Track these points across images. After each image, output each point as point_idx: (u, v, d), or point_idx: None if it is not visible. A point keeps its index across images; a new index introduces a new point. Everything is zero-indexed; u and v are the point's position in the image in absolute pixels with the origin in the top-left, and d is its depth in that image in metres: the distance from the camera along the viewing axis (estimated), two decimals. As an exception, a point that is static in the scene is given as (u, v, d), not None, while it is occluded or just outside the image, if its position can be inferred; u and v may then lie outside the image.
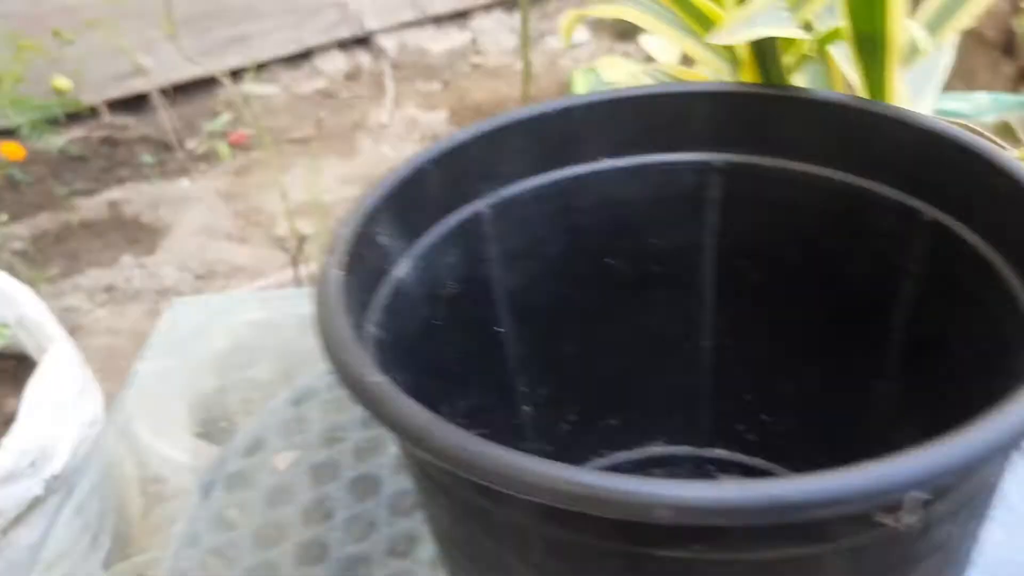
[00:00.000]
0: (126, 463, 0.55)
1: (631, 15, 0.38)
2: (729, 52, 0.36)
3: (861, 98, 0.32)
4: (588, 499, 0.18)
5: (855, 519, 0.19)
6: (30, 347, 0.79)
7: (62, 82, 1.85)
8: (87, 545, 0.65)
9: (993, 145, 0.27)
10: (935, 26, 0.34)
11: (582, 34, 2.42)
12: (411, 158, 0.31)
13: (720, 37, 0.29)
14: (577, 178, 0.35)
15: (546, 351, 0.37)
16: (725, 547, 0.20)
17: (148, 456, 0.55)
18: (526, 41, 1.82)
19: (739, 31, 0.28)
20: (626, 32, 2.35)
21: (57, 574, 0.56)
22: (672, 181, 0.35)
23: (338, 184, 1.82)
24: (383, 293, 0.29)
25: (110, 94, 2.07)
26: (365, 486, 0.46)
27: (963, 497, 0.21)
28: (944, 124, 0.29)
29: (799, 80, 0.34)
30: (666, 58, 0.73)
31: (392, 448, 0.48)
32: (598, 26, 2.47)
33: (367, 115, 2.17)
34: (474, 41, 2.44)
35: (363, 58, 2.40)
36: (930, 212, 0.30)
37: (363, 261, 0.28)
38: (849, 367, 0.35)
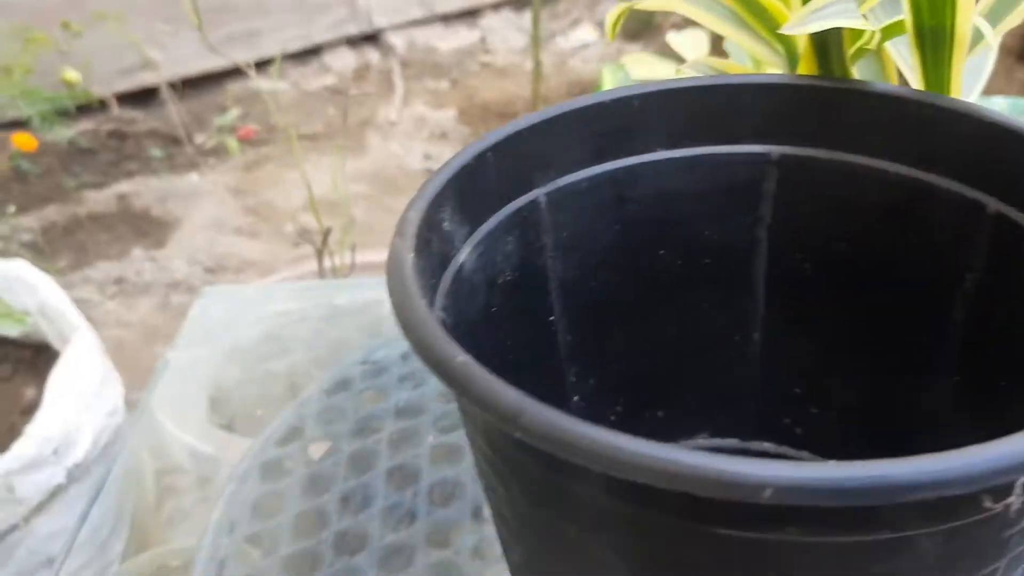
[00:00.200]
0: (148, 453, 0.55)
1: (682, 8, 0.38)
2: (785, 47, 0.36)
3: (924, 91, 0.32)
4: (692, 479, 0.18)
5: (960, 501, 0.19)
6: (50, 335, 0.79)
7: (71, 74, 1.85)
8: (107, 535, 0.65)
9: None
10: (994, 20, 0.34)
11: (591, 35, 2.43)
12: (471, 144, 0.31)
13: (793, 28, 0.29)
14: (631, 169, 0.35)
15: (595, 342, 0.37)
16: (821, 530, 0.20)
17: (171, 446, 0.55)
18: (537, 41, 1.83)
19: (811, 21, 0.28)
20: (636, 33, 2.36)
21: (76, 564, 0.56)
22: (727, 173, 0.35)
23: (347, 181, 1.82)
24: (447, 278, 0.29)
25: (118, 87, 2.07)
26: (403, 476, 0.46)
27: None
28: (1010, 118, 0.29)
29: (854, 74, 0.34)
30: (693, 55, 0.73)
31: (429, 438, 0.48)
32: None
33: (376, 112, 2.17)
34: (483, 40, 2.44)
35: (372, 55, 2.40)
36: (995, 205, 0.30)
37: (430, 246, 0.28)
38: (904, 361, 0.35)
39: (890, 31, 0.32)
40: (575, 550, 0.24)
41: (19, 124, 1.77)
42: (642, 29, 2.38)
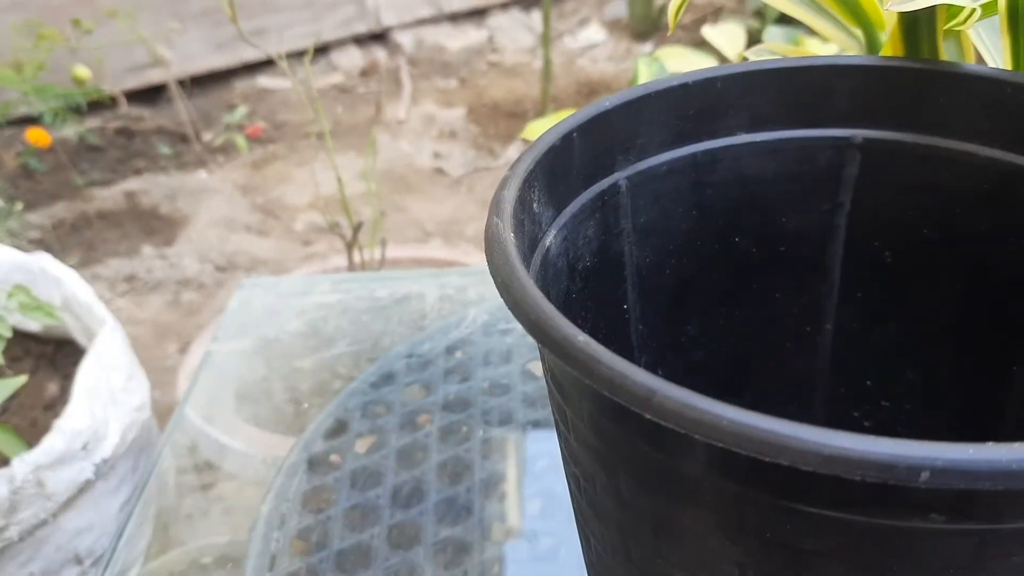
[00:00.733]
0: (175, 449, 0.54)
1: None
2: (865, 31, 0.35)
3: (1021, 72, 0.31)
4: (840, 461, 0.18)
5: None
6: (75, 330, 0.78)
7: (81, 71, 1.84)
8: (131, 530, 0.64)
9: None
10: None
11: (599, 34, 2.42)
12: (559, 124, 0.30)
13: (901, 4, 0.28)
14: (711, 152, 0.34)
15: (666, 331, 0.37)
16: (966, 517, 0.19)
17: (200, 441, 0.54)
18: (548, 40, 1.82)
19: (917, -2, 0.27)
20: (644, 33, 2.35)
21: (103, 560, 0.55)
22: (808, 158, 0.34)
23: (356, 179, 1.82)
24: (536, 261, 0.29)
25: (127, 84, 2.06)
26: (454, 470, 0.45)
27: None
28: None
29: (945, 55, 0.33)
30: (732, 50, 0.73)
31: (480, 432, 0.47)
32: (615, 27, 2.47)
33: (384, 111, 2.16)
34: (491, 39, 2.44)
35: (379, 54, 2.39)
36: (1096, 189, 0.29)
37: (523, 227, 0.27)
38: (987, 353, 0.34)
39: (988, 9, 0.31)
40: (688, 537, 0.23)
41: (29, 121, 1.76)
42: (649, 30, 2.37)
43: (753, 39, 0.72)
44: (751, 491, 0.21)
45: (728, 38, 0.72)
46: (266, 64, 2.27)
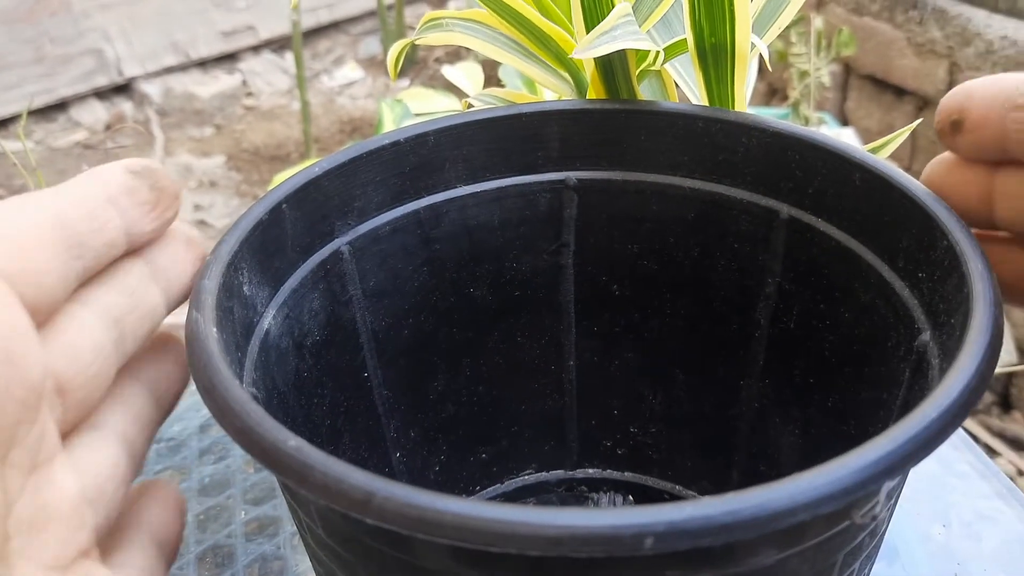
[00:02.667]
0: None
1: (465, 41, 0.37)
2: (571, 73, 0.36)
3: (710, 107, 0.33)
4: (569, 540, 0.17)
5: (831, 516, 0.19)
6: None
7: None
8: None
9: (845, 141, 0.29)
10: (759, 32, 0.35)
11: (357, 72, 2.41)
12: (266, 196, 0.29)
13: (582, 52, 0.28)
14: (434, 207, 0.34)
15: (413, 392, 0.36)
16: (698, 568, 0.19)
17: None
18: (302, 81, 1.79)
19: (599, 45, 0.28)
20: (402, 68, 2.36)
21: None
22: (529, 203, 0.34)
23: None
24: (254, 348, 0.27)
25: None
26: (216, 559, 0.42)
27: (902, 482, 0.22)
28: (792, 125, 0.30)
29: (641, 95, 0.35)
30: (473, 89, 0.73)
31: (241, 514, 0.44)
32: (371, 64, 2.46)
33: (136, 166, 2.04)
34: (244, 83, 2.37)
35: (125, 106, 2.27)
36: (787, 211, 0.31)
37: (231, 315, 0.26)
38: (715, 371, 0.35)
39: (673, 50, 0.33)
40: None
41: None
42: (407, 64, 2.39)
43: (490, 75, 0.73)
44: None
45: (468, 76, 0.72)
46: (-3, 126, 2.10)
